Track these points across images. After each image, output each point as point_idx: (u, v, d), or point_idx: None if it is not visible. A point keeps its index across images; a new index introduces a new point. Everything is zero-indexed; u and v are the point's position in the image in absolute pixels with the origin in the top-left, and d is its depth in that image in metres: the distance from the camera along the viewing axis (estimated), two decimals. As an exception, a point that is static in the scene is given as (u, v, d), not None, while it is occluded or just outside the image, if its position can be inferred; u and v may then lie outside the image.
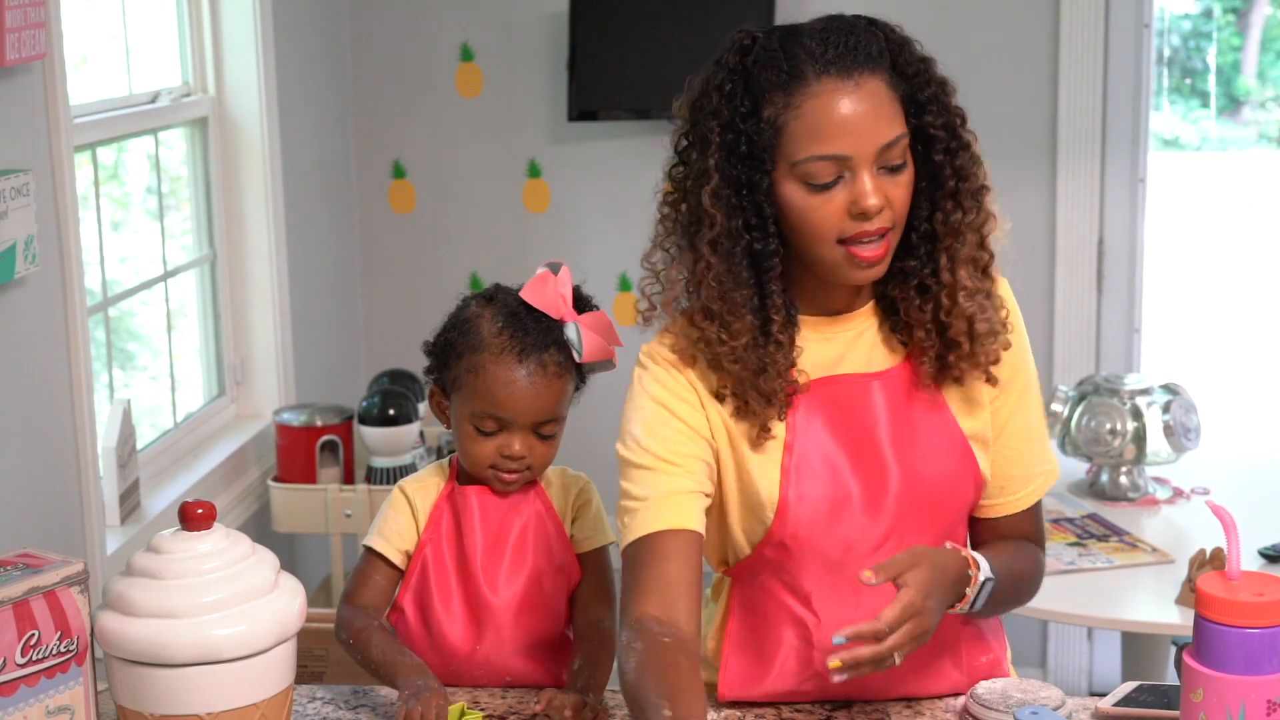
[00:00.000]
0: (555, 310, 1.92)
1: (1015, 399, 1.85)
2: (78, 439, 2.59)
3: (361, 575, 1.96)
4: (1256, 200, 8.41)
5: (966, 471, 1.83)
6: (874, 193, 1.66)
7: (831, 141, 1.65)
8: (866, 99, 1.65)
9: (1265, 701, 1.54)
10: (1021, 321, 1.89)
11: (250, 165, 3.43)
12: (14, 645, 1.62)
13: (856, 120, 1.65)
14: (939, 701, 1.87)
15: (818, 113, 1.65)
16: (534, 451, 1.91)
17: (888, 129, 1.66)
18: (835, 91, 1.65)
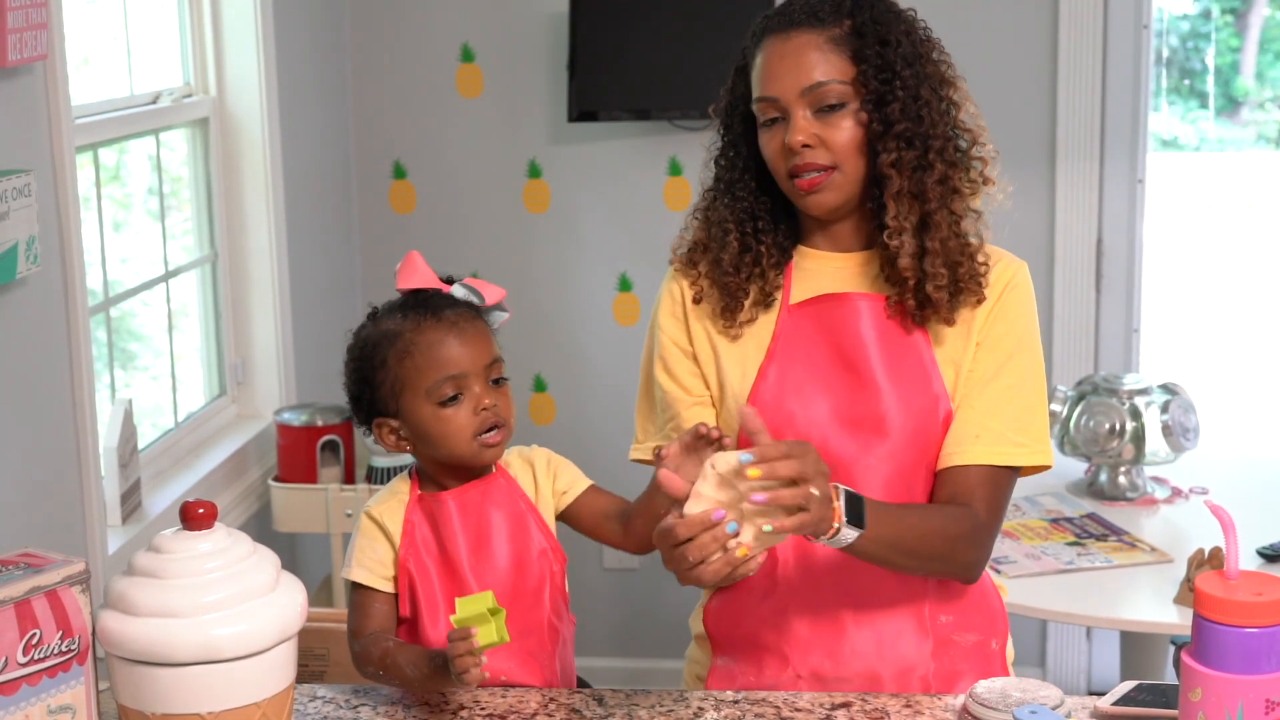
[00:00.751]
0: (432, 284, 1.97)
1: (1004, 357, 1.92)
2: (79, 439, 2.59)
3: (359, 609, 1.93)
4: (1255, 200, 8.41)
5: (938, 406, 1.92)
6: (798, 130, 1.87)
7: (763, 84, 1.91)
8: (795, 49, 1.88)
9: (1263, 701, 1.55)
10: (1031, 300, 1.97)
11: (251, 165, 3.43)
12: (15, 644, 1.63)
13: (783, 65, 1.88)
14: (938, 700, 1.88)
15: (759, 64, 1.92)
16: (499, 401, 1.90)
17: (810, 74, 1.87)
18: (770, 45, 1.91)
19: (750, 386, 1.97)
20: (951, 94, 1.95)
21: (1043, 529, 3.04)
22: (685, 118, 3.85)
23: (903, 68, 1.89)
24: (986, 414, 1.91)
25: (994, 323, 1.94)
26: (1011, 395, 1.92)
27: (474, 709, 1.88)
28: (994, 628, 2.03)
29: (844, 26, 1.90)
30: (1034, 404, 1.93)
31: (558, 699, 1.90)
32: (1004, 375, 1.92)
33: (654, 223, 3.93)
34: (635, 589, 4.03)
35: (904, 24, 1.94)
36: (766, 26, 1.93)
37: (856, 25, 1.90)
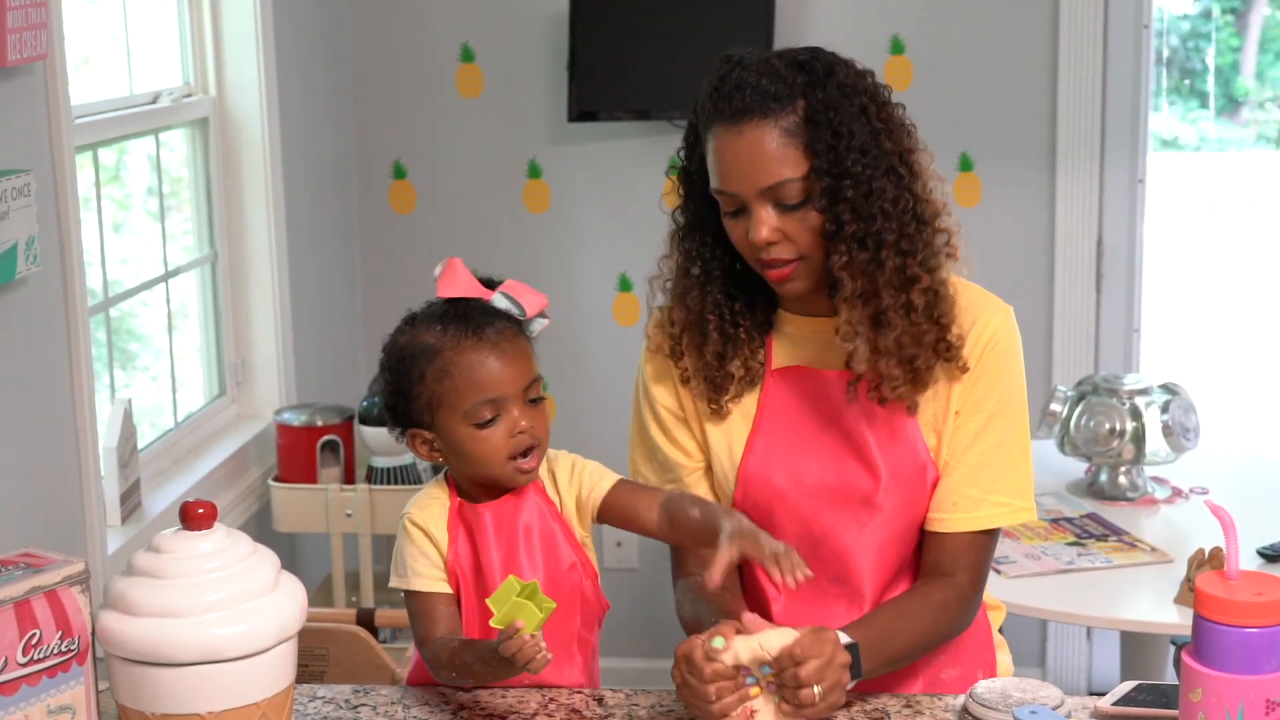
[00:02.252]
0: (475, 292, 1.91)
1: (984, 419, 1.91)
2: (79, 439, 2.59)
3: (423, 617, 1.89)
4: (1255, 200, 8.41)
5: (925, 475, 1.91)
6: (760, 226, 1.83)
7: (720, 179, 1.85)
8: (749, 146, 1.81)
9: (1264, 701, 1.55)
10: (1016, 352, 1.93)
11: (250, 165, 3.43)
12: (15, 644, 1.63)
13: (738, 162, 1.82)
14: (939, 701, 1.88)
15: (711, 153, 1.86)
16: (535, 421, 1.88)
17: (768, 173, 1.81)
18: (721, 136, 1.83)
19: (739, 462, 1.97)
20: (912, 164, 1.87)
21: (1043, 529, 3.04)
22: (685, 118, 3.84)
23: (854, 162, 1.82)
24: (967, 480, 1.91)
25: (972, 388, 1.91)
26: (991, 457, 1.91)
27: (474, 709, 1.88)
28: (980, 658, 2.03)
29: (797, 111, 1.82)
30: (1015, 460, 1.93)
31: (557, 699, 1.90)
32: (984, 438, 1.91)
33: (654, 223, 3.89)
34: (635, 589, 4.03)
35: (859, 99, 1.84)
36: (716, 111, 1.84)
37: (809, 109, 1.82)
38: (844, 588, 1.95)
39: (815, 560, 1.91)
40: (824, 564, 1.94)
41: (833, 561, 1.94)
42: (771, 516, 1.95)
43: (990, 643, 2.05)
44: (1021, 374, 1.95)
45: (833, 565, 1.94)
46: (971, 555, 1.92)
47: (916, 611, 1.88)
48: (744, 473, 1.96)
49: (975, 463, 1.91)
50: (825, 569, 1.94)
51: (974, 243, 4.00)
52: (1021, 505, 1.93)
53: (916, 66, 3.85)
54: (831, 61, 1.85)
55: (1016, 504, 1.92)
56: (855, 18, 3.86)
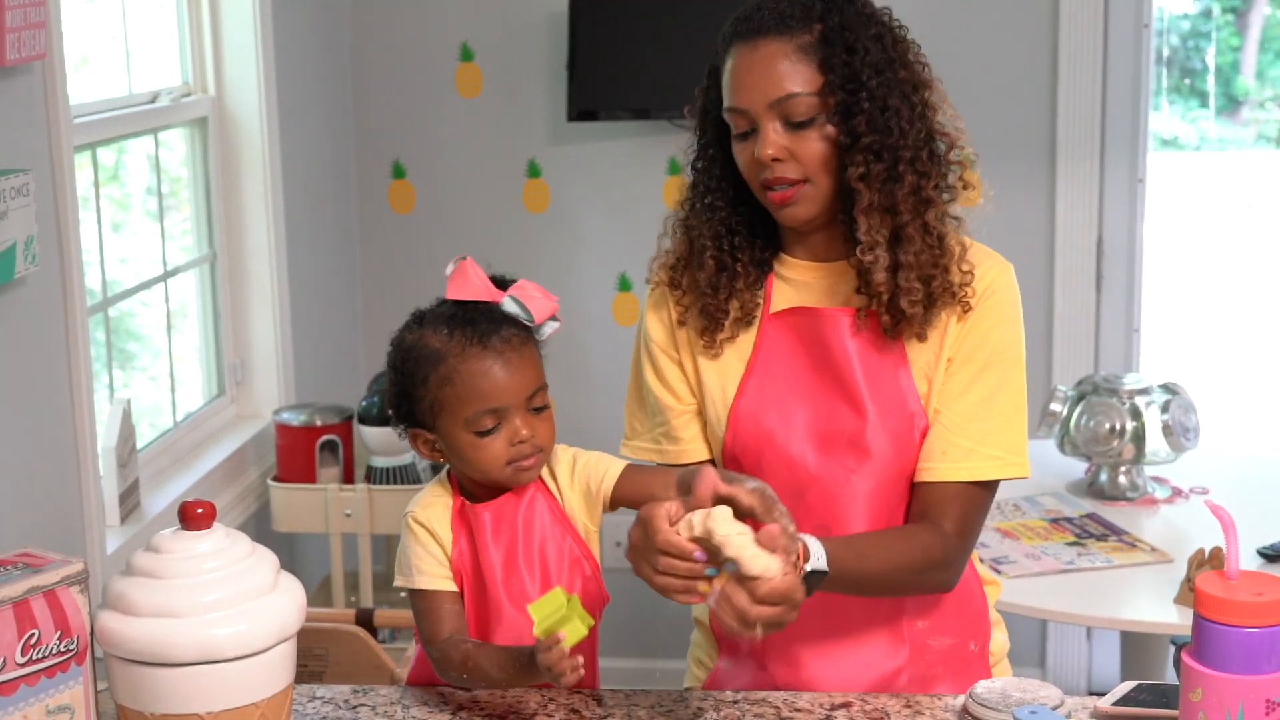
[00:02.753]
0: (485, 295, 1.90)
1: (976, 369, 1.89)
2: (78, 439, 2.59)
3: (429, 616, 1.88)
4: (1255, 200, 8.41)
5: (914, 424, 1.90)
6: (767, 144, 1.85)
7: (732, 95, 1.87)
8: (762, 60, 1.84)
9: (1264, 701, 1.55)
10: (1012, 305, 1.92)
11: (250, 165, 3.43)
12: (14, 645, 1.62)
13: (750, 77, 1.85)
14: (939, 701, 1.88)
15: (728, 71, 1.88)
16: (537, 429, 1.88)
17: (779, 86, 1.83)
18: (738, 54, 1.87)
19: (731, 402, 1.96)
20: (927, 97, 1.90)
21: (1043, 529, 3.04)
22: (685, 118, 3.84)
23: (870, 77, 1.84)
24: (956, 429, 1.89)
25: (966, 335, 1.90)
26: (984, 409, 1.89)
27: (473, 709, 1.88)
28: (972, 630, 2.01)
29: (813, 33, 1.85)
30: (1009, 415, 1.90)
31: (557, 698, 1.90)
32: (976, 388, 1.89)
33: (654, 223, 3.87)
34: (635, 588, 4.02)
35: (875, 27, 1.88)
36: (735, 31, 1.88)
37: (825, 31, 1.85)
38: (827, 534, 1.89)
39: (802, 506, 1.91)
40: (810, 510, 1.92)
41: (819, 508, 1.92)
42: (760, 459, 1.94)
43: (985, 615, 2.03)
44: (1018, 330, 1.92)
45: (819, 512, 1.92)
46: (959, 507, 1.89)
47: (896, 545, 1.87)
48: (735, 413, 1.95)
49: (966, 412, 1.88)
50: (811, 515, 1.92)
51: (974, 242, 4.00)
52: (1013, 460, 1.90)
53: (916, 66, 3.84)
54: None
55: (1008, 458, 1.89)
56: (855, 17, 3.85)
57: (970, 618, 2.01)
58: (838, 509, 1.93)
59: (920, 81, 1.90)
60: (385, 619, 3.05)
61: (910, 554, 1.86)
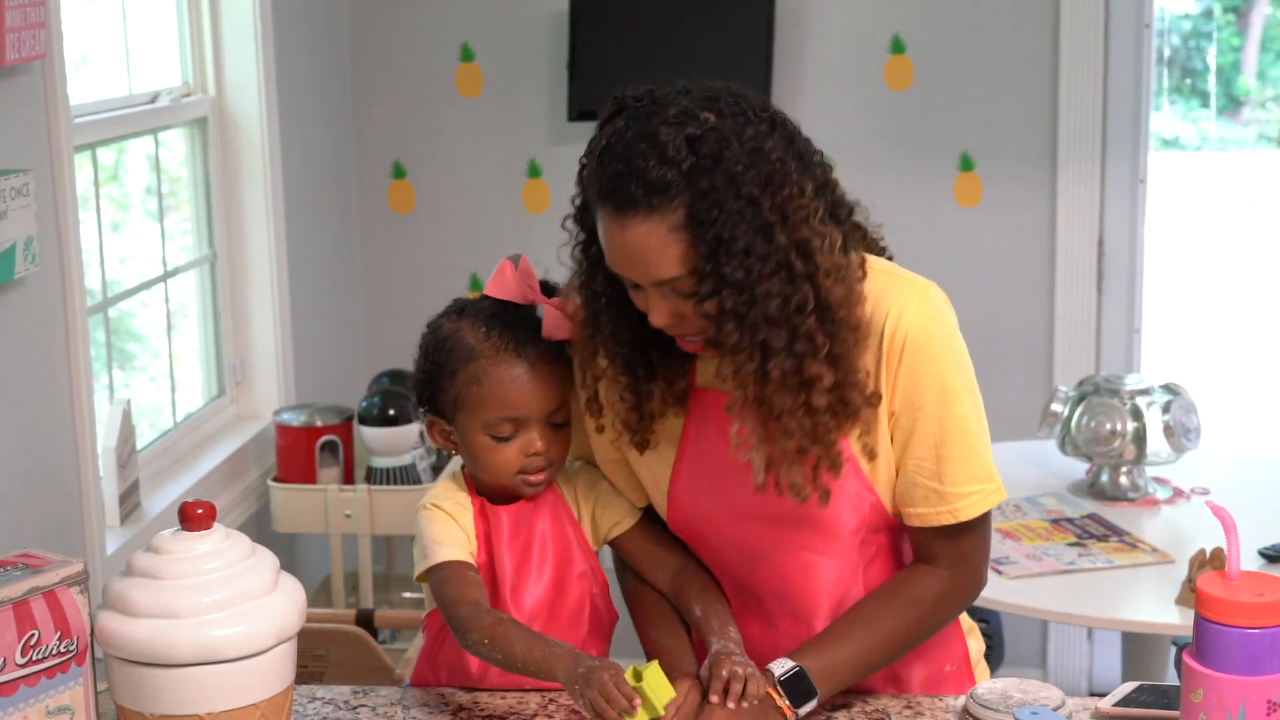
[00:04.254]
0: (524, 297, 1.89)
1: (923, 414, 1.80)
2: (78, 439, 2.59)
3: (455, 580, 1.84)
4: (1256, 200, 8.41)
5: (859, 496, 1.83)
6: (656, 313, 1.73)
7: (614, 264, 1.73)
8: (634, 242, 1.69)
9: (1265, 702, 1.54)
10: (935, 338, 1.79)
11: (250, 165, 3.43)
12: (14, 645, 1.62)
13: (627, 256, 1.71)
14: (939, 701, 1.88)
15: (603, 235, 1.73)
16: (553, 444, 1.88)
17: (655, 271, 1.70)
18: (609, 224, 1.72)
19: (666, 488, 1.89)
20: (812, 254, 1.69)
21: (1043, 529, 3.04)
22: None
23: (735, 269, 1.67)
24: (924, 473, 1.81)
25: (904, 387, 1.79)
26: (942, 449, 1.80)
27: (473, 709, 1.88)
28: (946, 653, 1.97)
29: (680, 209, 1.67)
30: (972, 445, 1.81)
31: (557, 699, 1.90)
32: (932, 431, 1.80)
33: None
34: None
35: (749, 187, 1.67)
36: (601, 192, 1.72)
37: (691, 209, 1.66)
38: (786, 604, 1.90)
39: (757, 578, 1.89)
40: (765, 582, 1.89)
41: (773, 580, 1.89)
42: (705, 539, 1.91)
43: (958, 635, 1.98)
44: (955, 357, 1.80)
45: (773, 583, 1.89)
46: (951, 545, 1.84)
47: (882, 614, 1.83)
48: (672, 498, 1.90)
49: (929, 456, 1.80)
50: (766, 586, 1.89)
51: (974, 243, 4.01)
52: (990, 488, 1.83)
53: (916, 66, 3.84)
54: (724, 135, 1.67)
55: (984, 488, 1.82)
56: (855, 18, 3.86)
57: (940, 641, 1.95)
58: (792, 581, 1.89)
59: (802, 240, 1.69)
60: (385, 619, 3.05)
61: (900, 618, 1.83)
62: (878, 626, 1.82)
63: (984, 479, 1.82)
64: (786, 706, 1.75)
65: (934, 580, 1.84)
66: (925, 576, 1.85)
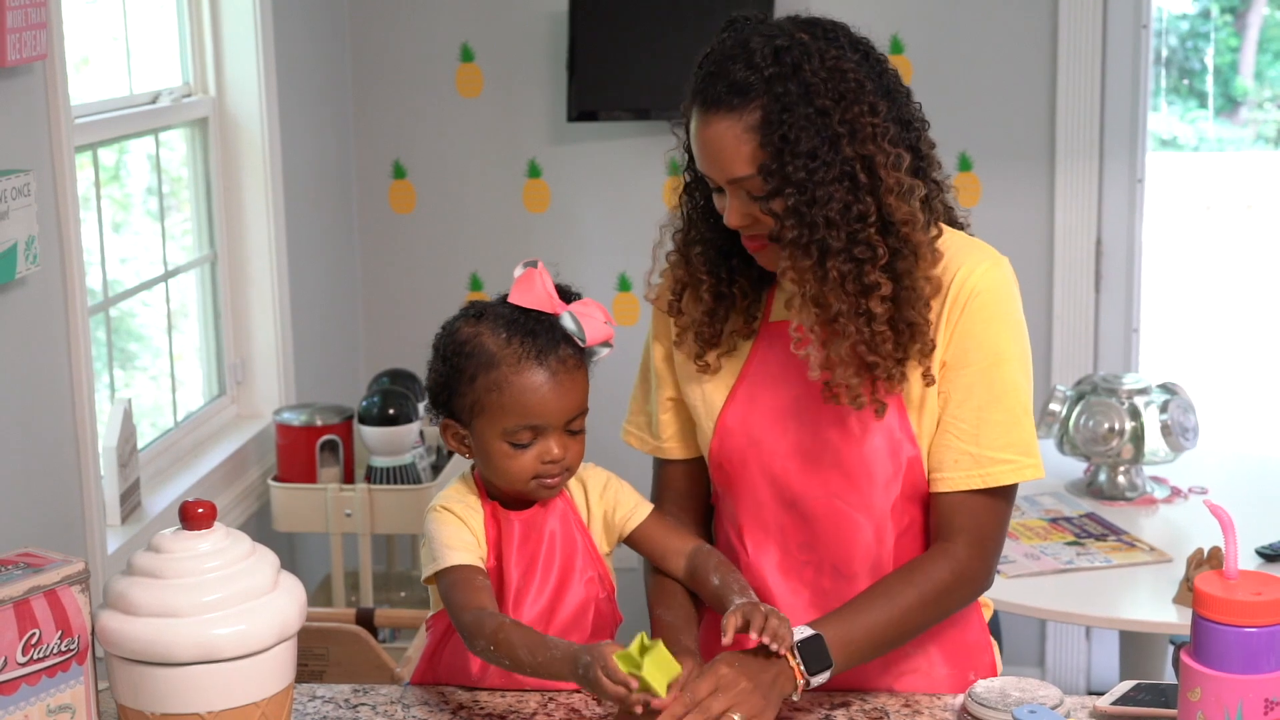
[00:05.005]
0: (548, 305, 1.89)
1: (975, 373, 1.84)
2: (78, 439, 2.59)
3: (461, 585, 1.85)
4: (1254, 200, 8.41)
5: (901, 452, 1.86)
6: (730, 215, 1.83)
7: (699, 162, 1.85)
8: (713, 138, 1.80)
9: (1263, 700, 1.55)
10: (1003, 302, 1.85)
11: (250, 165, 3.43)
12: (15, 644, 1.63)
13: (706, 152, 1.82)
14: (938, 700, 1.88)
15: (692, 135, 1.85)
16: (569, 450, 1.88)
17: (729, 168, 1.80)
18: (696, 121, 1.83)
19: (718, 413, 1.94)
20: (876, 170, 1.78)
21: (1042, 529, 3.04)
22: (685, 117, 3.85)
23: (797, 169, 1.75)
24: (963, 436, 1.84)
25: (956, 339, 1.84)
26: (986, 413, 1.83)
27: (474, 708, 1.88)
28: (972, 660, 1.98)
29: (758, 110, 1.77)
30: (1017, 416, 1.85)
31: (557, 699, 1.90)
32: (976, 391, 1.84)
33: (654, 223, 3.90)
34: (637, 588, 4.03)
35: (823, 99, 1.76)
36: (694, 93, 1.83)
37: (766, 110, 1.77)
38: (812, 554, 1.91)
39: (790, 518, 1.91)
40: (796, 529, 1.91)
41: (804, 527, 1.91)
42: (744, 471, 1.93)
43: (987, 646, 2.01)
44: (1015, 326, 1.85)
45: (804, 530, 1.91)
46: (974, 516, 1.85)
47: (901, 590, 1.84)
48: (722, 423, 1.93)
49: (969, 418, 1.83)
50: (797, 533, 1.91)
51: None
52: (1027, 462, 1.84)
53: (916, 66, 3.85)
54: (809, 50, 1.78)
55: (1021, 460, 1.84)
56: (855, 18, 3.80)
57: (969, 649, 1.97)
58: (820, 529, 1.91)
59: (868, 154, 1.78)
60: (385, 619, 3.06)
61: (918, 595, 1.84)
62: (895, 600, 1.83)
63: (1021, 450, 1.85)
64: (799, 669, 1.75)
65: (949, 561, 1.85)
66: (941, 557, 1.86)
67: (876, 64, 1.84)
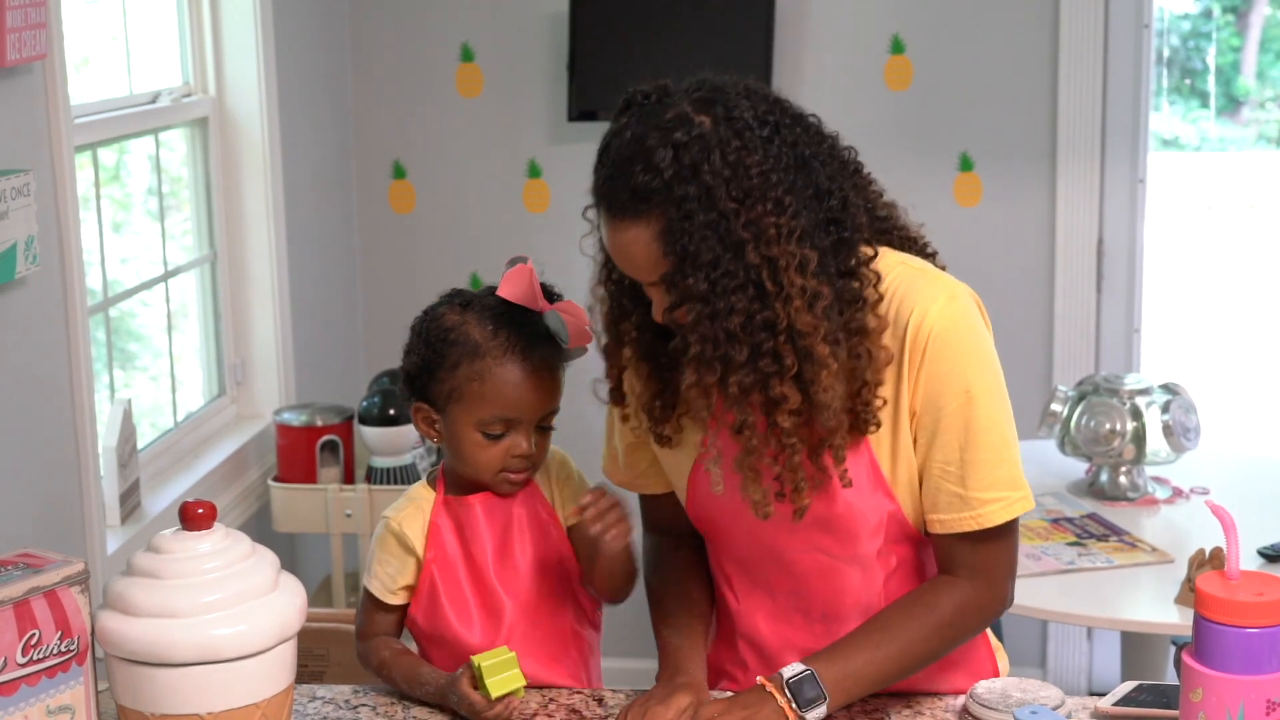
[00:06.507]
0: (534, 302, 1.91)
1: (947, 415, 1.77)
2: (78, 439, 2.59)
3: (366, 614, 1.98)
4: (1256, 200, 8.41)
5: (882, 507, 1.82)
6: (656, 309, 1.75)
7: (615, 261, 1.79)
8: (622, 246, 1.74)
9: (1264, 701, 1.55)
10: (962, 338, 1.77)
11: (250, 165, 3.43)
12: (14, 645, 1.62)
13: (620, 256, 1.76)
14: (939, 701, 1.88)
15: (604, 236, 1.79)
16: (538, 447, 1.90)
17: (647, 272, 1.72)
18: (606, 227, 1.78)
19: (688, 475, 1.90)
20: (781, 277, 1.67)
21: (1043, 529, 3.04)
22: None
23: (698, 281, 1.67)
24: (949, 478, 1.79)
25: (926, 385, 1.76)
26: (966, 453, 1.77)
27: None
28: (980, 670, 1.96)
29: (660, 220, 1.69)
30: (997, 450, 1.78)
31: (557, 699, 1.90)
32: (956, 434, 1.77)
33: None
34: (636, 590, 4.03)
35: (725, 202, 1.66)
36: (597, 195, 1.78)
37: (667, 219, 1.68)
38: (801, 600, 1.89)
39: (774, 575, 1.89)
40: (782, 579, 1.89)
41: (790, 578, 1.89)
42: (725, 533, 1.91)
43: (990, 652, 2.00)
44: (981, 359, 1.77)
45: (790, 580, 1.89)
46: (971, 554, 1.81)
47: (902, 624, 1.81)
48: (692, 490, 1.90)
49: (951, 460, 1.78)
50: (784, 583, 1.89)
51: (974, 243, 4.01)
52: (1015, 496, 1.80)
53: (916, 66, 3.85)
54: (709, 145, 1.66)
55: (1010, 496, 1.79)
56: (855, 18, 3.86)
57: (977, 661, 1.96)
58: (814, 581, 1.88)
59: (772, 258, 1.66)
60: (386, 619, 3.05)
61: (920, 628, 1.81)
62: (895, 635, 1.80)
63: (1009, 486, 1.79)
64: (789, 708, 1.74)
65: (954, 591, 1.82)
66: (945, 587, 1.83)
67: (788, 134, 1.71)
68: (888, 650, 1.80)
